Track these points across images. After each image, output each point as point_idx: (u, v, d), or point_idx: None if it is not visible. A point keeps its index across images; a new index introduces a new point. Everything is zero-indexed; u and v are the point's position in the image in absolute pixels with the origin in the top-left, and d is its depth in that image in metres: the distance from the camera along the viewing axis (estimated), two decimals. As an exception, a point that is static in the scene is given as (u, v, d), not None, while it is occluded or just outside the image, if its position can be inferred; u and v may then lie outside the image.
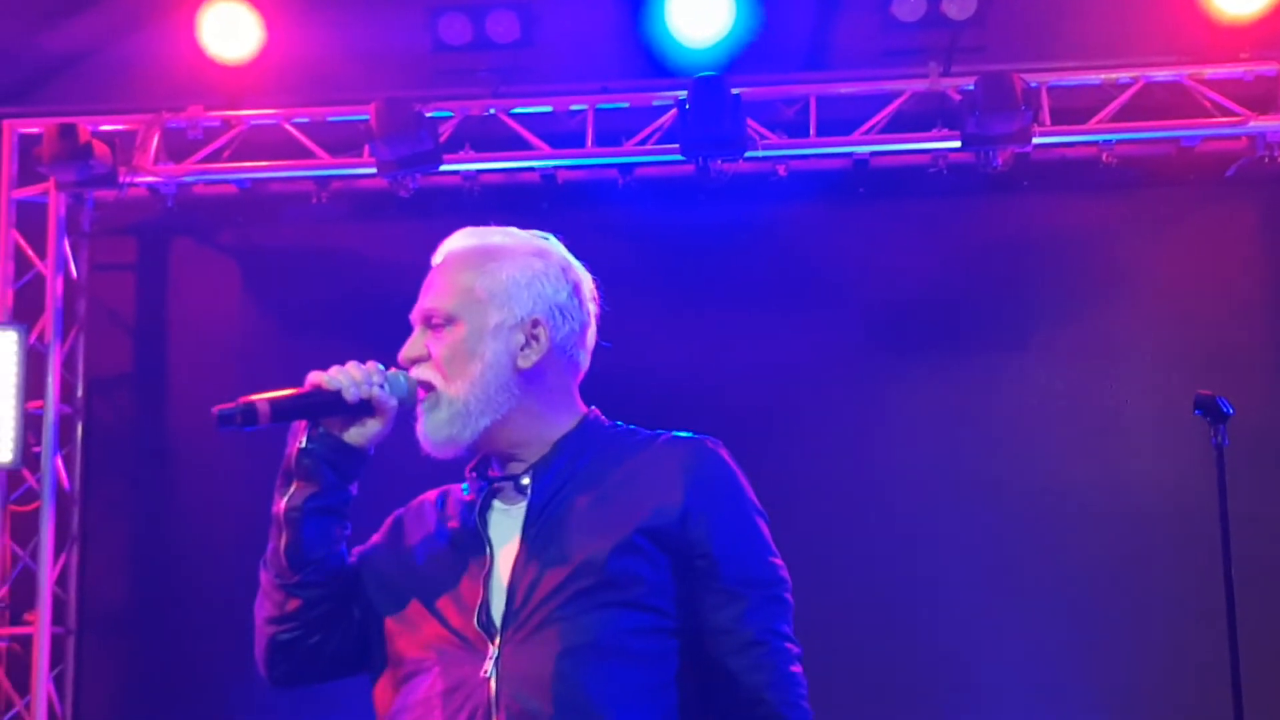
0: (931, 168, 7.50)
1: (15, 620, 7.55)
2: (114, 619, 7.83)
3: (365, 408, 2.73)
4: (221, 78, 7.60)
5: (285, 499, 2.77)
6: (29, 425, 7.51)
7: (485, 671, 2.65)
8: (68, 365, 7.83)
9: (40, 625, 7.51)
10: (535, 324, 2.79)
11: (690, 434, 2.87)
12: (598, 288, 2.94)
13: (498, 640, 2.67)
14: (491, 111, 7.55)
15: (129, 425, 7.99)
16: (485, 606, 2.70)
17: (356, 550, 2.89)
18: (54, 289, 7.73)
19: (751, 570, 2.76)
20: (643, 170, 7.60)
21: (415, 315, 2.84)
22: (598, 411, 2.92)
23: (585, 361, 2.91)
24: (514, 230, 2.92)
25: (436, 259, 2.88)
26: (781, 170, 7.55)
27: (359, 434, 2.75)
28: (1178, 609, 7.08)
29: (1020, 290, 7.52)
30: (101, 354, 7.97)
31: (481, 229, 2.91)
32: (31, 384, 7.51)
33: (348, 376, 2.73)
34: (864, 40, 7.68)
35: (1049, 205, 7.58)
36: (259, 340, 7.80)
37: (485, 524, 2.79)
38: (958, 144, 7.26)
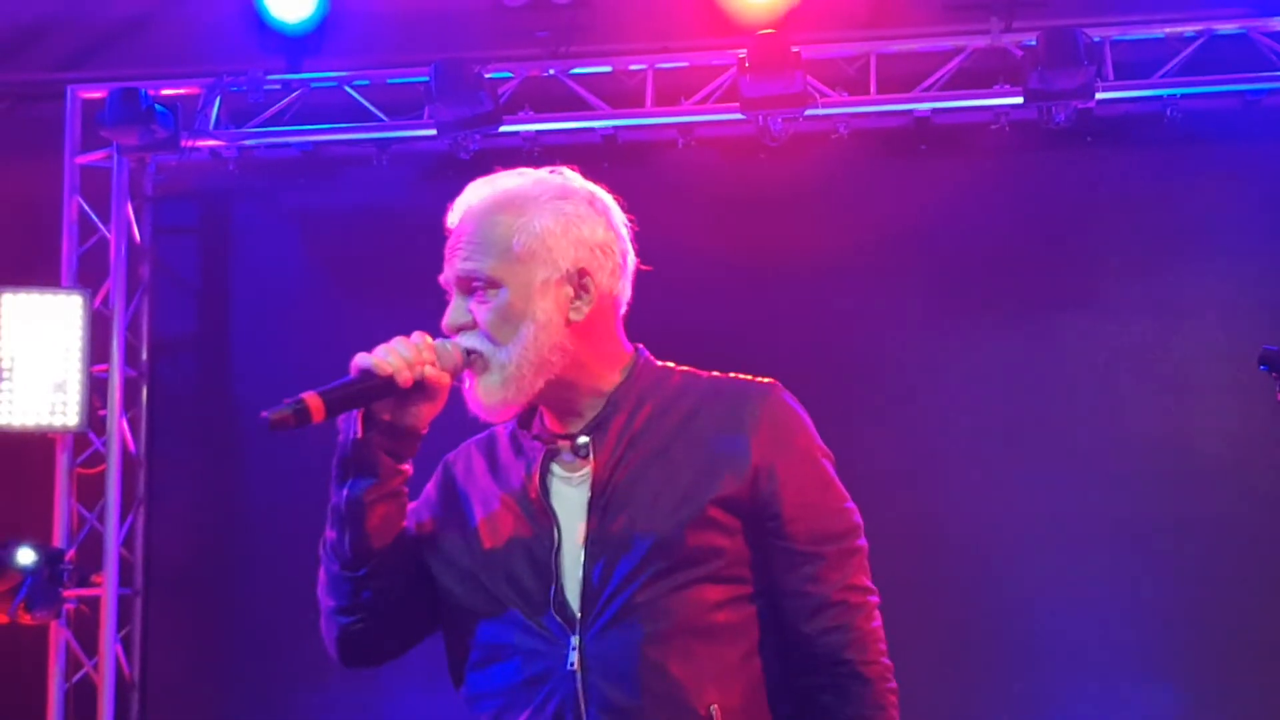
0: (993, 124, 7.45)
1: (83, 582, 7.61)
2: (180, 580, 7.90)
3: (419, 388, 2.61)
4: (282, 41, 7.61)
5: (345, 490, 2.66)
6: (95, 389, 7.58)
7: (571, 664, 2.57)
8: (132, 329, 7.88)
9: (107, 587, 7.58)
10: (583, 274, 2.67)
11: (748, 378, 2.76)
12: (656, 244, 2.85)
13: (578, 629, 2.58)
14: (551, 72, 7.54)
15: (193, 387, 8.04)
16: (560, 591, 2.61)
17: (410, 507, 2.79)
18: (118, 253, 7.78)
19: (822, 525, 2.68)
20: (703, 130, 7.57)
21: (449, 280, 2.71)
22: (645, 351, 2.81)
23: (628, 292, 2.78)
24: (527, 171, 2.78)
25: (454, 217, 2.75)
26: (842, 128, 7.51)
27: (415, 416, 2.64)
28: (1244, 568, 7.04)
29: (1083, 247, 7.46)
30: (165, 317, 8.02)
31: (493, 177, 2.77)
32: (97, 348, 7.57)
33: (399, 357, 2.59)
34: (924, -4, 7.63)
35: (1112, 161, 7.51)
36: (320, 302, 7.83)
37: (547, 494, 2.68)
38: (1020, 100, 7.20)
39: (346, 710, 7.48)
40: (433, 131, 7.44)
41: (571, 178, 2.77)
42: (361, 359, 2.61)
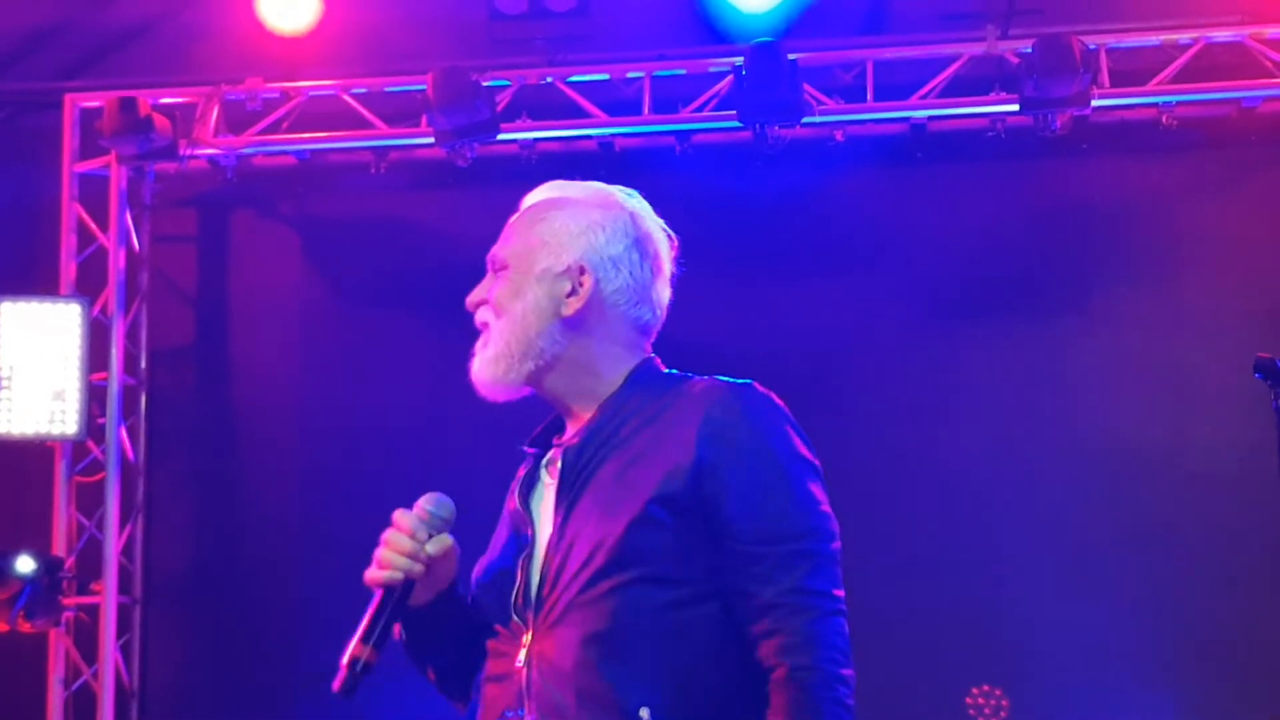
0: (989, 131, 7.47)
1: (82, 590, 7.63)
2: (179, 588, 7.91)
3: (431, 564, 2.67)
4: (280, 49, 7.62)
5: (404, 648, 2.80)
6: (93, 397, 7.59)
7: (519, 661, 2.62)
8: (131, 337, 7.90)
9: (107, 595, 7.59)
10: (581, 271, 2.74)
11: (728, 379, 2.73)
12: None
13: (530, 627, 2.63)
14: (548, 80, 7.56)
15: (192, 396, 8.05)
16: (523, 591, 2.66)
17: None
18: (116, 261, 7.79)
19: (770, 524, 2.57)
20: (700, 137, 7.59)
21: (487, 261, 2.85)
22: (656, 361, 2.82)
23: (648, 316, 2.80)
24: (596, 184, 2.88)
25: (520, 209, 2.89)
26: (839, 136, 7.53)
27: (439, 578, 2.72)
28: (1240, 572, 7.05)
29: (1080, 254, 7.47)
30: (164, 325, 8.03)
31: (567, 182, 2.89)
32: (95, 356, 7.59)
33: (400, 558, 2.64)
34: (921, 4, 7.66)
35: (1108, 168, 7.53)
36: (319, 310, 7.85)
37: (527, 499, 2.76)
38: (1016, 107, 7.22)
39: (345, 717, 7.47)
40: (430, 139, 7.45)
41: (627, 200, 2.86)
42: (373, 578, 2.65)
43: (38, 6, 8.01)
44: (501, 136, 7.44)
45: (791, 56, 7.12)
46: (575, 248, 2.75)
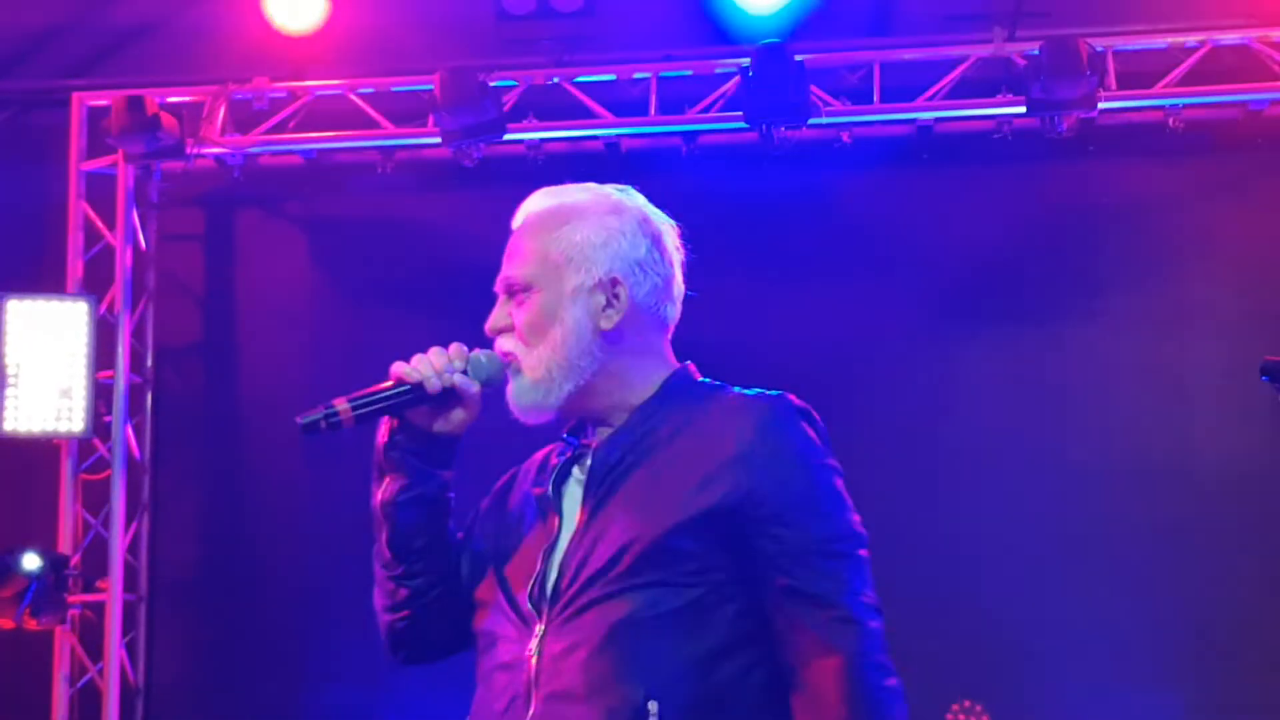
0: (996, 134, 7.47)
1: (88, 588, 7.64)
2: (185, 586, 7.92)
3: (450, 396, 2.72)
4: (286, 49, 7.63)
5: (380, 492, 2.79)
6: (100, 395, 7.60)
7: (529, 650, 2.62)
8: (137, 335, 7.91)
9: (112, 592, 7.60)
10: (615, 283, 2.72)
11: (759, 391, 2.75)
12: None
13: (544, 618, 2.63)
14: (555, 80, 7.56)
15: (198, 394, 8.06)
16: (540, 581, 2.67)
17: (477, 510, 2.92)
18: (123, 260, 7.80)
19: (813, 532, 2.62)
20: (706, 138, 7.60)
21: (498, 284, 2.79)
22: (691, 367, 2.84)
23: (673, 314, 2.84)
24: (592, 186, 2.85)
25: (516, 222, 2.83)
26: (845, 137, 7.53)
27: (445, 423, 2.75)
28: (1248, 575, 7.05)
29: (1086, 256, 7.47)
30: (170, 324, 8.05)
31: (559, 188, 2.85)
32: (102, 354, 7.60)
33: (429, 366, 2.71)
34: (927, 5, 7.66)
35: (1115, 171, 7.53)
36: (325, 309, 7.87)
37: (560, 494, 2.75)
38: (1023, 109, 7.22)
39: (351, 715, 7.49)
40: (437, 139, 7.46)
41: (633, 198, 2.85)
42: (396, 367, 2.72)
43: (45, 5, 8.02)
44: (508, 137, 7.45)
45: (798, 58, 7.12)
46: (603, 259, 2.74)
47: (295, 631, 7.63)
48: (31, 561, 7.15)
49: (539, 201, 2.83)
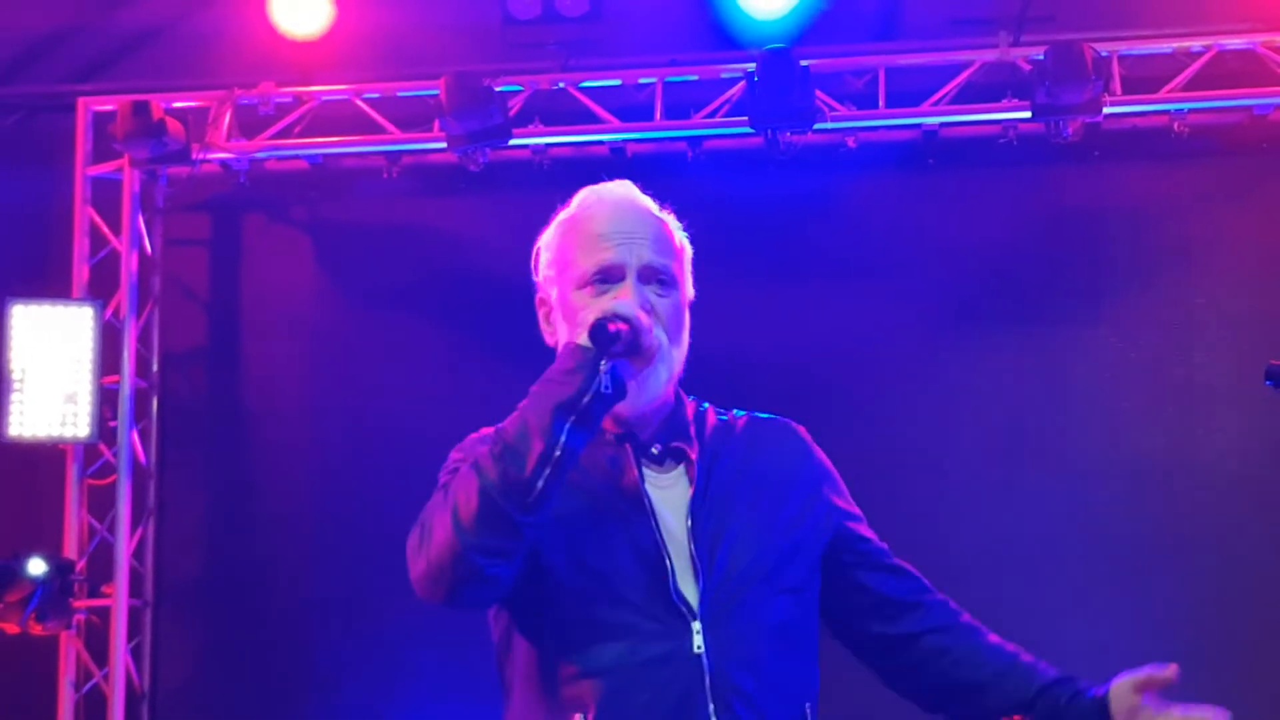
0: (1001, 138, 7.47)
1: (93, 593, 7.64)
2: (190, 591, 7.92)
3: (639, 353, 2.69)
4: (292, 54, 7.64)
5: (565, 436, 2.59)
6: (105, 400, 7.60)
7: (697, 648, 2.67)
8: (143, 340, 7.91)
9: (118, 598, 7.60)
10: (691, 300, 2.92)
11: (771, 415, 2.99)
12: None
13: (698, 617, 2.70)
14: (560, 85, 7.57)
15: (204, 399, 8.06)
16: (673, 581, 2.70)
17: None
18: (129, 265, 7.80)
19: (874, 536, 3.04)
20: (712, 143, 7.59)
21: (631, 263, 2.77)
22: None
23: None
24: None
25: (607, 207, 2.84)
26: (851, 142, 7.53)
27: (635, 382, 2.73)
28: (1255, 579, 7.05)
29: (1092, 261, 7.47)
30: (176, 329, 8.05)
31: (628, 184, 2.95)
32: (107, 359, 7.60)
33: (643, 317, 2.68)
34: (933, 10, 7.66)
35: (1120, 175, 7.53)
36: (331, 314, 7.86)
37: (645, 489, 2.77)
38: (1028, 114, 7.22)
39: (357, 720, 7.50)
40: (443, 144, 7.46)
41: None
42: (622, 308, 2.66)
43: (51, 10, 8.03)
44: (514, 142, 7.45)
45: (804, 63, 7.12)
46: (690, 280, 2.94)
47: (301, 637, 7.63)
48: (37, 567, 7.15)
49: (635, 192, 2.92)
